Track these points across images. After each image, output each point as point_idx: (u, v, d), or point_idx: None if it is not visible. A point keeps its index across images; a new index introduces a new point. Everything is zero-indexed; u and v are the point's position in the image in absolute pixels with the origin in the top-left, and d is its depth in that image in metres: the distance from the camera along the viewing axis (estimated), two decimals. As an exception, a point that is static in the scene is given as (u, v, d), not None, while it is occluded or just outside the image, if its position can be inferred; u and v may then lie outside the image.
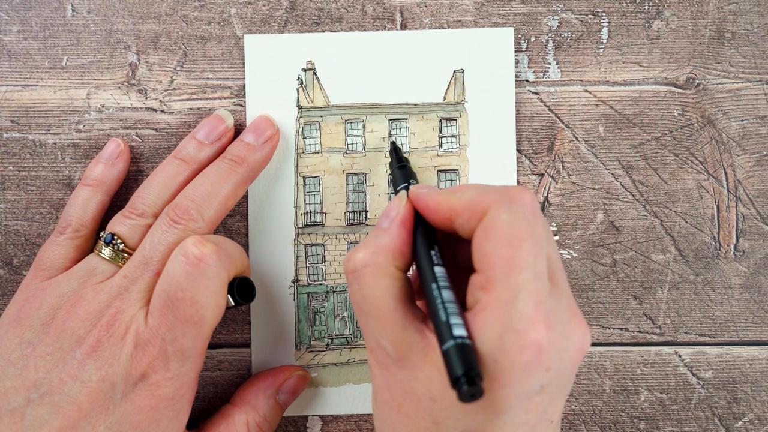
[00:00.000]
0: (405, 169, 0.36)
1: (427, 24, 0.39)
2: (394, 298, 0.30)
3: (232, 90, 0.39)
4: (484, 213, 0.29)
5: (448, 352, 0.27)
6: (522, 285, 0.27)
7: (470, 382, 0.26)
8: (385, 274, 0.30)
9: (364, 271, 0.30)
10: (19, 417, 0.32)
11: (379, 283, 0.30)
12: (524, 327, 0.27)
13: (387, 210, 0.32)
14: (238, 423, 0.36)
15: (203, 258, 0.32)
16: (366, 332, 0.31)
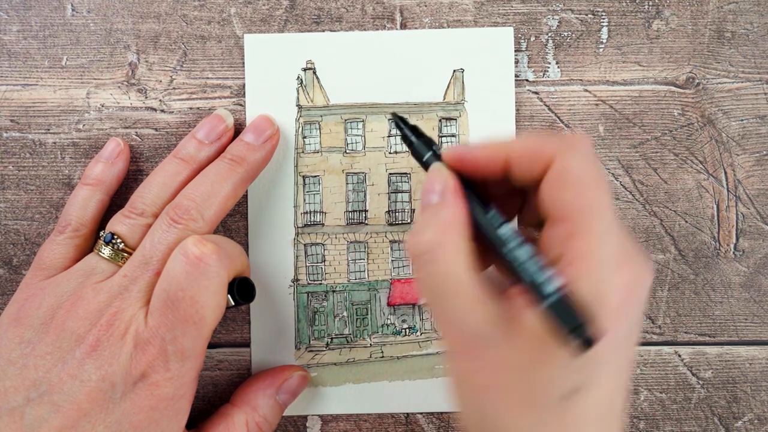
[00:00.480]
0: (423, 136, 0.33)
1: (426, 23, 0.39)
2: (471, 274, 0.28)
3: (232, 89, 0.39)
4: (549, 161, 0.28)
5: (552, 308, 0.26)
6: (609, 226, 0.27)
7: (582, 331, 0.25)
8: (459, 249, 0.29)
9: (438, 251, 0.28)
10: (19, 416, 0.32)
11: (456, 260, 0.28)
12: (616, 269, 0.27)
13: (429, 185, 0.30)
14: (237, 423, 0.36)
15: (203, 258, 0.32)
16: (443, 315, 0.29)
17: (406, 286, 0.40)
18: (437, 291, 0.29)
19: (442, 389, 0.39)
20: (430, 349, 0.40)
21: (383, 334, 0.40)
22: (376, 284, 0.40)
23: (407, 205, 0.40)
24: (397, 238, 0.40)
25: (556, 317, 0.26)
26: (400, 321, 0.40)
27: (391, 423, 0.40)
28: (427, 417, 0.40)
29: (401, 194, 0.40)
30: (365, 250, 0.40)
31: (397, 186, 0.40)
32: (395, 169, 0.40)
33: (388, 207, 0.40)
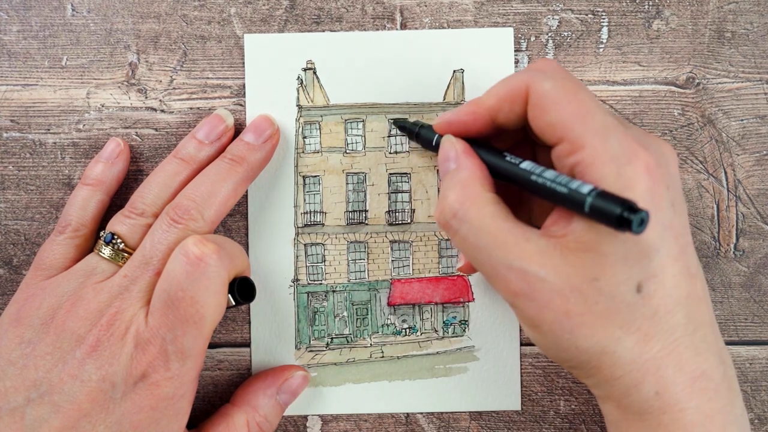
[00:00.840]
0: (425, 127, 0.37)
1: (426, 24, 0.39)
2: (504, 219, 0.30)
3: (232, 89, 0.39)
4: (525, 92, 0.30)
5: (596, 204, 0.27)
6: (604, 125, 0.28)
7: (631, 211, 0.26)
8: (485, 201, 0.30)
9: (465, 208, 0.30)
10: (19, 416, 0.32)
11: (484, 211, 0.30)
12: (629, 158, 0.28)
13: (443, 157, 0.32)
14: (238, 423, 0.36)
15: (204, 257, 0.32)
16: (489, 266, 0.30)
17: (406, 286, 0.40)
18: (479, 246, 0.30)
19: (442, 389, 0.40)
20: (430, 349, 0.40)
21: (383, 334, 0.40)
22: (376, 284, 0.40)
23: (407, 205, 0.40)
24: (397, 238, 0.40)
25: (603, 209, 0.27)
26: (400, 321, 0.40)
27: (391, 423, 0.40)
28: (427, 417, 0.40)
29: (401, 194, 0.40)
30: (365, 250, 0.40)
31: (397, 186, 0.40)
32: (395, 169, 0.40)
33: (388, 207, 0.40)
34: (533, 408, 0.40)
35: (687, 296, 0.30)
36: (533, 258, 0.29)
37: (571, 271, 0.28)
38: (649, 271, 0.29)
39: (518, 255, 0.29)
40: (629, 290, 0.29)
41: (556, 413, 0.40)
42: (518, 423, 0.40)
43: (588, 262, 0.28)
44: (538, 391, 0.40)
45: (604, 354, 0.29)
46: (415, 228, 0.40)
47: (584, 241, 0.28)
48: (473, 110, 0.32)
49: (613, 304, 0.29)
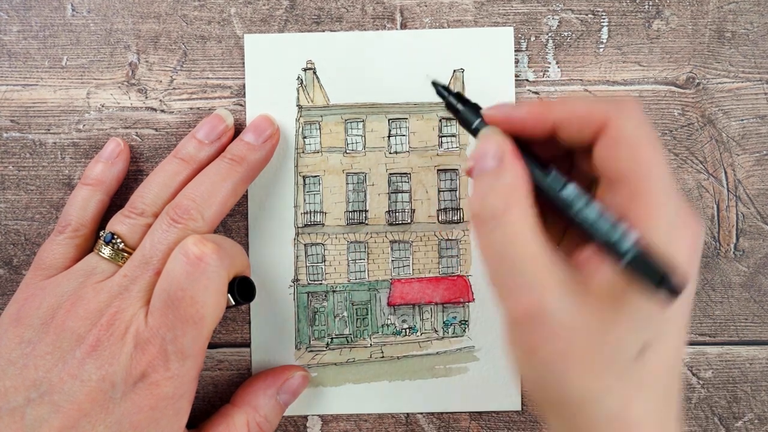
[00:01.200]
0: (469, 103, 0.32)
1: (427, 23, 0.39)
2: (541, 238, 0.28)
3: (232, 89, 0.39)
4: (601, 125, 0.29)
5: (634, 262, 0.26)
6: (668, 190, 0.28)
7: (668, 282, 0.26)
8: (527, 214, 0.28)
9: (506, 216, 0.28)
10: (19, 416, 0.32)
11: (524, 224, 0.28)
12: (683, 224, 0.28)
13: (482, 150, 0.29)
14: (238, 423, 0.36)
15: (203, 257, 0.32)
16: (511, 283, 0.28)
17: (406, 286, 0.40)
18: (506, 256, 0.28)
19: (442, 389, 0.39)
20: (430, 349, 0.40)
21: (383, 334, 0.40)
22: (376, 284, 0.40)
23: (407, 205, 0.40)
24: (397, 238, 0.40)
25: (640, 271, 0.26)
26: (400, 321, 0.40)
27: (391, 423, 0.40)
28: (427, 417, 0.40)
29: (401, 194, 0.40)
30: (365, 250, 0.40)
31: (397, 186, 0.40)
32: (395, 169, 0.40)
33: (388, 207, 0.40)
34: (533, 408, 0.40)
35: (674, 366, 0.30)
36: (555, 287, 0.27)
37: (587, 313, 0.28)
38: (658, 335, 0.28)
39: (541, 278, 0.28)
40: (634, 348, 0.28)
41: (556, 413, 0.40)
42: (518, 423, 0.40)
43: (606, 310, 0.28)
44: (538, 391, 0.40)
45: (588, 402, 0.28)
46: (415, 228, 0.40)
47: (610, 289, 0.28)
48: (540, 113, 0.30)
49: (615, 357, 0.28)
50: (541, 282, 0.27)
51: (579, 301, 0.27)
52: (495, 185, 0.28)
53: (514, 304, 0.28)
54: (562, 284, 0.28)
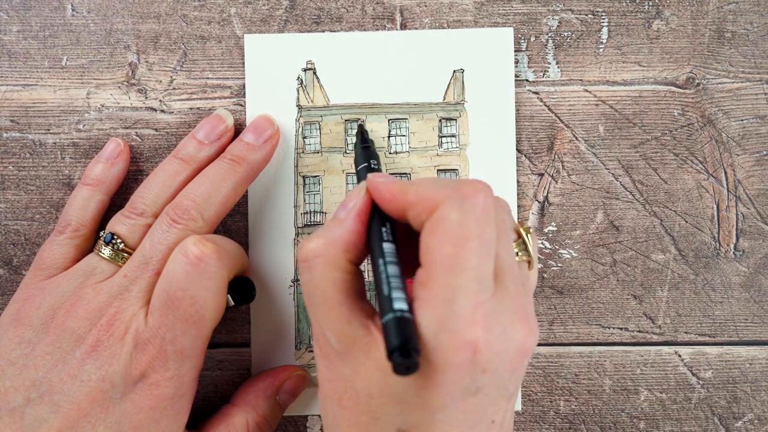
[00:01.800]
0: (369, 149, 0.36)
1: (427, 24, 0.39)
2: (342, 291, 0.29)
3: (232, 90, 0.39)
4: (435, 208, 0.28)
5: (386, 325, 0.27)
6: (462, 286, 0.27)
7: (406, 354, 0.26)
8: (336, 266, 0.30)
9: (315, 262, 0.30)
10: (19, 416, 0.32)
11: (328, 274, 0.29)
12: (460, 328, 0.27)
13: (345, 200, 0.31)
14: (237, 423, 0.36)
15: (203, 257, 0.32)
16: (313, 322, 0.30)
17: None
18: (309, 298, 0.30)
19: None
20: (430, 349, 0.40)
21: (383, 334, 0.40)
22: (376, 284, 0.40)
23: (407, 205, 0.40)
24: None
25: (386, 334, 0.27)
26: (400, 321, 0.40)
27: (391, 423, 0.40)
28: (427, 417, 0.40)
29: (401, 194, 0.40)
30: (365, 250, 0.40)
31: (397, 186, 0.40)
32: (395, 169, 0.40)
33: (388, 207, 0.40)
34: (533, 408, 0.40)
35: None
36: (345, 342, 0.29)
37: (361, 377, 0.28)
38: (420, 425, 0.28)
39: (333, 328, 0.29)
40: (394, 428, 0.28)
41: (556, 413, 0.40)
42: (518, 423, 0.40)
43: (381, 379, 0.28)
44: (538, 391, 0.40)
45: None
46: (415, 228, 0.40)
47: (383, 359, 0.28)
48: (393, 194, 0.30)
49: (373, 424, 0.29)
50: (332, 332, 0.29)
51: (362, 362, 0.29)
52: (323, 233, 0.30)
53: (315, 344, 0.31)
54: (350, 341, 0.29)
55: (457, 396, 0.27)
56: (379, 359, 0.28)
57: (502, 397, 0.29)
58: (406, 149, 0.40)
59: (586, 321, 0.40)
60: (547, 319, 0.40)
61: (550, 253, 0.40)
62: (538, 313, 0.40)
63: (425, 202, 0.29)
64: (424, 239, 0.28)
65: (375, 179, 0.31)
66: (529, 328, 0.29)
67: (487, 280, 0.28)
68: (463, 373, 0.27)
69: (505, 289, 0.29)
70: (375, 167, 0.35)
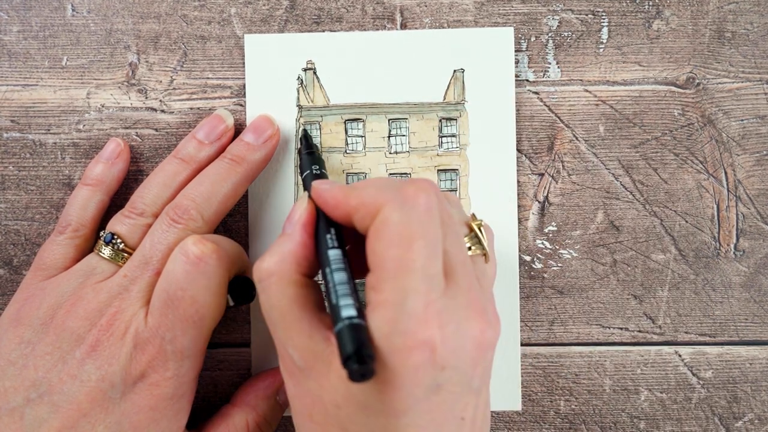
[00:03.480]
0: (312, 155, 0.36)
1: (427, 24, 0.39)
2: (300, 307, 0.29)
3: (232, 90, 0.39)
4: (378, 211, 0.28)
5: (338, 333, 0.27)
6: (410, 286, 0.27)
7: (360, 360, 0.26)
8: (289, 282, 0.30)
9: (270, 281, 0.30)
10: (19, 416, 0.32)
11: (283, 292, 0.30)
12: (413, 328, 0.27)
13: (291, 213, 0.32)
14: (237, 423, 0.36)
15: (203, 257, 0.32)
16: (275, 341, 0.31)
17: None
18: (268, 317, 0.30)
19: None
20: (430, 349, 0.40)
21: (383, 334, 0.40)
22: (376, 284, 0.40)
23: (407, 205, 0.40)
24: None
25: (339, 342, 0.27)
26: (400, 321, 0.40)
27: (392, 423, 0.40)
28: (427, 417, 0.40)
29: (401, 194, 0.40)
30: (365, 250, 0.40)
31: (397, 186, 0.40)
32: (395, 169, 0.40)
33: (388, 207, 0.40)
34: (533, 408, 0.40)
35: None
36: (307, 357, 0.29)
37: (326, 389, 0.28)
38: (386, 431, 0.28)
39: (294, 345, 0.29)
40: None
41: (556, 413, 0.40)
42: (518, 423, 0.40)
43: (343, 389, 0.28)
44: (538, 391, 0.40)
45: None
46: (415, 228, 0.40)
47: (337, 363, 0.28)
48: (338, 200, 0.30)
49: None
50: (293, 349, 0.29)
51: (323, 374, 0.29)
52: (274, 251, 0.30)
53: (280, 360, 0.31)
54: (311, 355, 0.29)
55: (420, 396, 0.27)
56: (340, 369, 0.28)
57: (468, 393, 0.29)
58: (406, 149, 0.40)
59: (586, 321, 0.40)
60: (547, 319, 0.40)
61: (550, 253, 0.40)
62: (538, 313, 0.40)
63: (368, 206, 0.29)
64: (370, 243, 0.28)
65: (319, 186, 0.31)
66: (485, 321, 0.29)
67: (436, 278, 0.28)
68: (421, 373, 0.27)
69: (457, 285, 0.29)
70: (317, 173, 0.35)
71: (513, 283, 0.39)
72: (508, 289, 0.39)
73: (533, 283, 0.40)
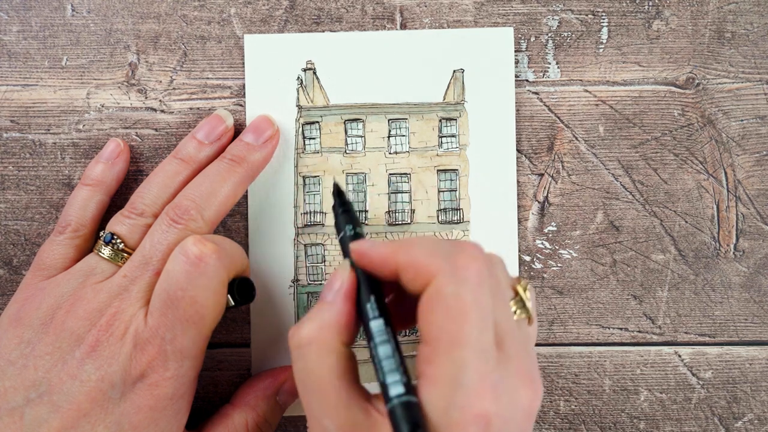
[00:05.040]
0: (348, 213, 0.34)
1: (426, 24, 0.39)
2: (338, 377, 0.29)
3: (232, 90, 0.39)
4: (430, 279, 0.28)
5: (392, 411, 0.27)
6: (466, 360, 0.27)
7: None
8: (330, 351, 0.29)
9: (309, 349, 0.29)
10: (19, 416, 0.32)
11: (323, 360, 0.29)
12: (469, 402, 0.27)
13: (331, 280, 0.31)
14: (237, 423, 0.36)
15: (203, 257, 0.32)
16: (309, 410, 0.30)
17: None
18: (304, 385, 0.30)
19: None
20: (430, 349, 0.40)
21: (383, 334, 0.40)
22: (376, 284, 0.40)
23: (407, 206, 0.40)
24: (397, 239, 0.40)
25: (395, 420, 0.27)
26: (400, 321, 0.40)
27: (391, 423, 0.40)
28: (427, 417, 0.40)
29: (401, 195, 0.40)
30: (365, 250, 0.40)
31: (398, 186, 0.40)
32: (395, 169, 0.40)
33: (388, 207, 0.40)
34: (533, 408, 0.40)
35: None
36: (345, 428, 0.28)
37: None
38: None
39: (331, 416, 0.29)
40: None
41: (556, 413, 0.40)
42: (518, 423, 0.40)
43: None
44: (538, 391, 0.40)
45: None
46: (415, 228, 0.40)
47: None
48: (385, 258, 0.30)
49: None
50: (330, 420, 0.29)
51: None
52: (314, 318, 0.30)
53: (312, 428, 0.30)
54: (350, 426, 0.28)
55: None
56: None
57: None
58: (406, 149, 0.40)
59: (586, 321, 0.40)
60: (547, 319, 0.40)
61: (550, 253, 0.40)
62: (538, 313, 0.40)
63: (419, 269, 0.29)
64: (423, 315, 0.28)
65: (362, 246, 0.31)
66: (533, 389, 0.29)
67: (489, 350, 0.28)
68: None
69: (508, 355, 0.29)
70: (352, 234, 0.33)
71: (513, 283, 0.39)
72: (508, 290, 0.39)
73: (533, 283, 0.40)
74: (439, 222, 0.40)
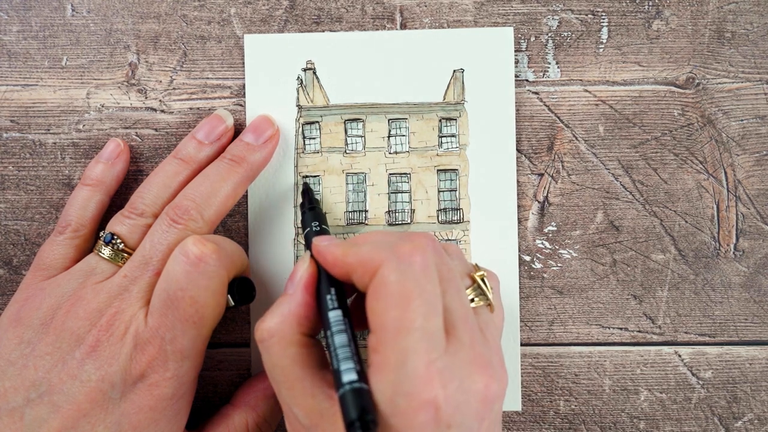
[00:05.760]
0: (314, 211, 0.36)
1: (426, 24, 0.39)
2: (302, 366, 0.30)
3: (232, 90, 0.39)
4: (375, 271, 0.29)
5: (341, 398, 0.27)
6: (410, 346, 0.27)
7: (363, 426, 0.26)
8: (291, 342, 0.30)
9: (272, 342, 0.30)
10: (19, 417, 0.32)
11: (285, 352, 0.30)
12: (416, 388, 0.27)
13: (293, 273, 0.32)
14: (237, 423, 0.36)
15: (203, 257, 0.32)
16: (280, 399, 0.31)
17: (405, 287, 0.40)
18: (272, 377, 0.31)
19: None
20: (430, 349, 0.40)
21: (383, 334, 0.40)
22: (376, 284, 0.40)
23: (407, 206, 0.40)
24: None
25: (343, 406, 0.27)
26: (400, 321, 0.40)
27: (391, 423, 0.40)
28: (427, 417, 0.40)
29: (401, 194, 0.40)
30: (365, 250, 0.40)
31: (397, 186, 0.40)
32: (395, 169, 0.40)
33: (388, 207, 0.40)
34: (533, 408, 0.40)
35: None
36: (312, 416, 0.29)
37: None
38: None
39: (298, 404, 0.29)
40: None
41: (556, 413, 0.40)
42: (518, 423, 0.40)
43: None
44: (538, 391, 0.40)
45: None
46: (415, 228, 0.40)
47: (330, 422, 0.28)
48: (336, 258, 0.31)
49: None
50: (297, 408, 0.30)
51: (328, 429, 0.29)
52: (275, 311, 0.31)
53: (286, 419, 0.31)
54: (316, 413, 0.29)
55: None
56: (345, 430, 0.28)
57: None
58: (406, 149, 0.40)
59: (586, 321, 0.40)
60: (547, 319, 0.40)
61: (550, 253, 0.40)
62: (538, 313, 0.40)
63: (365, 264, 0.29)
64: (369, 304, 0.29)
65: (319, 243, 0.32)
66: (489, 375, 0.29)
67: (436, 336, 0.28)
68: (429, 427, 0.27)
69: (459, 341, 0.29)
70: (317, 230, 0.35)
71: (513, 283, 0.39)
72: (508, 289, 0.39)
73: (533, 283, 0.40)
74: (439, 222, 0.40)
